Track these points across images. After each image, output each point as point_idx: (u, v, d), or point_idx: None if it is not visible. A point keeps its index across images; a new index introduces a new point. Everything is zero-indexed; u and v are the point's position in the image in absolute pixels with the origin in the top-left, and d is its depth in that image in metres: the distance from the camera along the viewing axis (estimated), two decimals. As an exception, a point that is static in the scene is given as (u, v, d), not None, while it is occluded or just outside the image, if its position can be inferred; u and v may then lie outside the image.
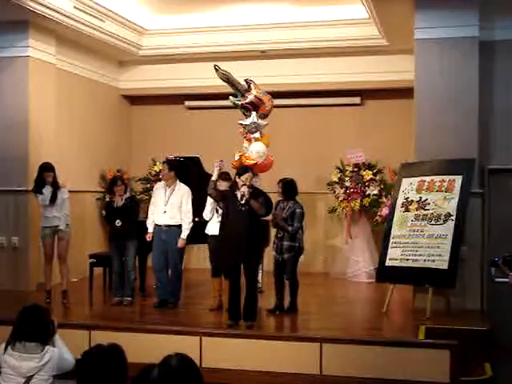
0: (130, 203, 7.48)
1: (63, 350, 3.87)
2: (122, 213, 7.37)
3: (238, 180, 6.39)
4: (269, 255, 8.49)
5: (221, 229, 6.51)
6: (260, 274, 8.04)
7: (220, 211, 6.90)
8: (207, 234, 7.27)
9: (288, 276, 6.94)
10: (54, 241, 7.45)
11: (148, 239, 7.36)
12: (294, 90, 10.09)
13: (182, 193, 7.33)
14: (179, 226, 7.27)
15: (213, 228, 7.12)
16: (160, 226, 7.31)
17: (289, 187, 7.04)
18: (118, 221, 7.35)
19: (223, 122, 9.83)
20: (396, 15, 7.60)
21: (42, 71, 8.62)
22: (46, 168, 7.34)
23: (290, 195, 7.01)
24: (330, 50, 9.62)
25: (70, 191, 7.61)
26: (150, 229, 7.38)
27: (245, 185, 6.25)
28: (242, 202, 6.23)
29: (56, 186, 7.36)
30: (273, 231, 7.31)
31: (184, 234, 7.25)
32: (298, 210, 6.86)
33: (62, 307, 7.29)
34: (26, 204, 8.35)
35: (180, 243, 7.25)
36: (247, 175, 6.33)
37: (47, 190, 7.32)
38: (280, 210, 6.91)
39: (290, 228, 6.80)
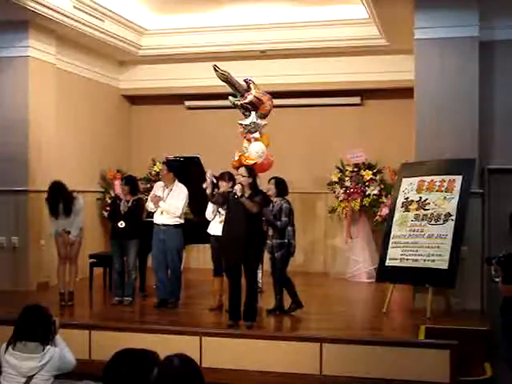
0: (136, 205, 7.47)
1: (64, 350, 3.86)
2: (128, 214, 7.37)
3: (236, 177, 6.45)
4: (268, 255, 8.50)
5: (222, 229, 6.52)
6: (260, 274, 8.05)
7: (222, 212, 6.91)
8: (210, 234, 7.29)
9: (277, 274, 6.91)
10: (66, 240, 7.36)
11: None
12: (294, 90, 10.09)
13: (178, 192, 7.35)
14: (177, 226, 7.29)
15: (215, 228, 7.13)
16: (158, 225, 7.31)
17: (282, 185, 7.07)
18: (121, 222, 7.34)
19: (223, 122, 9.82)
20: (396, 15, 7.60)
21: (42, 71, 8.62)
22: (55, 191, 7.20)
23: (282, 193, 7.03)
24: (330, 49, 9.61)
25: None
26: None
27: (239, 183, 6.27)
28: (237, 201, 6.23)
29: (68, 199, 7.25)
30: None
31: (164, 205, 7.24)
32: (284, 205, 6.88)
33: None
34: (26, 204, 8.35)
35: (155, 200, 7.24)
36: (241, 169, 6.38)
37: (61, 206, 7.21)
38: (270, 209, 6.92)
39: (278, 223, 6.81)
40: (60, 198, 7.23)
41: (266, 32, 9.61)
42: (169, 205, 7.25)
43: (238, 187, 6.21)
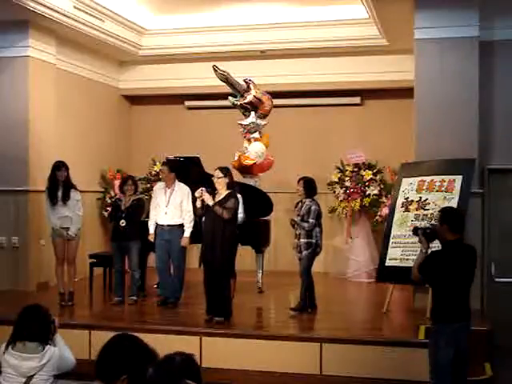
0: (136, 204, 7.48)
1: (64, 350, 3.86)
2: (128, 213, 7.38)
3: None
4: (268, 255, 8.51)
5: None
6: (260, 275, 8.06)
7: None
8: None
9: (300, 273, 6.96)
10: (65, 242, 7.35)
11: (150, 240, 7.37)
12: (294, 90, 10.09)
13: (182, 193, 7.34)
14: (181, 226, 7.29)
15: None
16: (162, 226, 7.33)
17: (311, 186, 7.08)
18: (122, 221, 7.35)
19: (223, 122, 9.83)
20: (396, 15, 7.60)
21: (42, 71, 8.62)
22: (59, 167, 7.27)
23: (310, 194, 7.04)
24: (330, 50, 9.62)
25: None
26: (152, 229, 7.38)
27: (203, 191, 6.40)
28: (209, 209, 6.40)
29: (69, 186, 7.29)
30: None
31: (187, 233, 7.27)
32: (313, 207, 6.92)
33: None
34: (26, 204, 8.36)
35: (183, 242, 7.27)
36: (216, 171, 6.47)
37: (59, 193, 7.22)
38: (298, 210, 6.98)
39: (305, 224, 6.85)
40: (59, 176, 7.21)
41: (265, 32, 9.61)
42: (186, 221, 7.24)
43: (206, 197, 6.31)
